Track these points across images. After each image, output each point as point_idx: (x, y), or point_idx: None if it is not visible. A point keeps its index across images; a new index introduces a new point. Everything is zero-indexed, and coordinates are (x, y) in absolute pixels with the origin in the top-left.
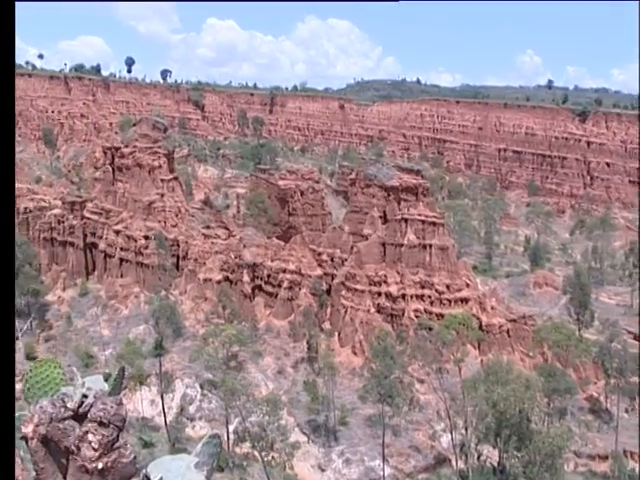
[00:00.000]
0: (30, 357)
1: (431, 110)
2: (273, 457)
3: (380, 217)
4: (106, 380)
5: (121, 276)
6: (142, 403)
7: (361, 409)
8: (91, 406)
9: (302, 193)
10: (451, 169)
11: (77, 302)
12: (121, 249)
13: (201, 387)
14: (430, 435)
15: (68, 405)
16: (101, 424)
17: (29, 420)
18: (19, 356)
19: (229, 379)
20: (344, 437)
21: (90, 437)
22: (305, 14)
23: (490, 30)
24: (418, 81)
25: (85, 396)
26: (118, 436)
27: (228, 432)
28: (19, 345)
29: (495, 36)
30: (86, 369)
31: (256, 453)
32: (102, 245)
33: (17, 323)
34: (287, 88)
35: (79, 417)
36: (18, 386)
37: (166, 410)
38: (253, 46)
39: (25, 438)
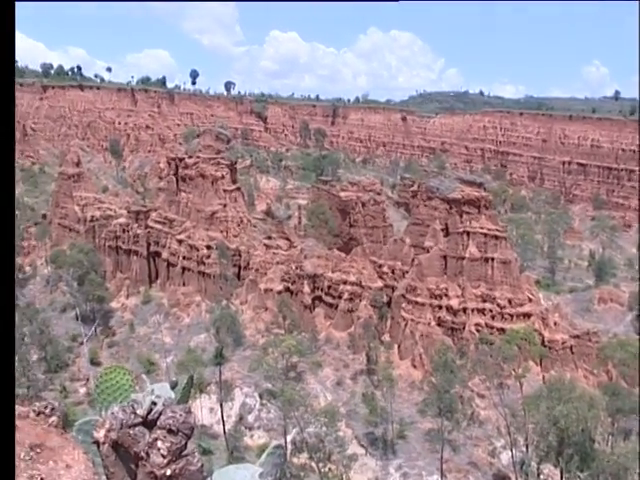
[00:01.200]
0: (94, 362)
1: (494, 122)
2: (330, 469)
3: (442, 230)
4: (172, 388)
5: (183, 285)
6: (202, 411)
7: (420, 423)
8: (160, 414)
9: (363, 205)
10: (514, 182)
11: (140, 309)
12: (184, 258)
13: (260, 397)
14: (490, 452)
15: (138, 412)
16: (170, 432)
17: (101, 425)
18: (83, 361)
19: (288, 389)
20: (402, 451)
21: (159, 444)
22: (367, 26)
23: (555, 40)
24: (481, 93)
25: (154, 403)
26: (186, 444)
27: (286, 442)
28: (84, 350)
29: (560, 46)
30: (147, 376)
31: (313, 464)
32: (165, 254)
33: (82, 329)
34: (349, 100)
35: (148, 424)
36: (82, 390)
37: (225, 418)
38: (315, 58)
39: (97, 443)
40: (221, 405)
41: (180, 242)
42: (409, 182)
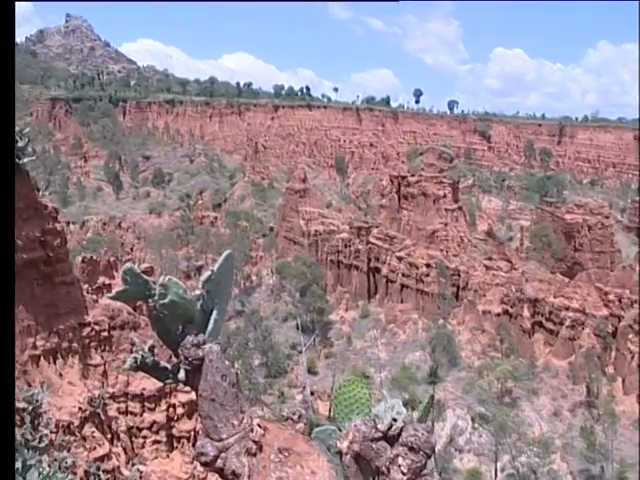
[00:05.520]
0: (311, 371)
1: None
2: None
3: None
4: (404, 405)
5: (401, 301)
6: None
7: None
8: (401, 430)
9: (590, 228)
10: None
11: (358, 323)
12: (403, 275)
13: (472, 420)
14: None
15: (379, 427)
16: (411, 449)
17: (344, 436)
18: (301, 369)
19: (501, 415)
20: None
21: (400, 460)
22: (597, 40)
23: None
24: None
25: (395, 419)
26: (426, 463)
27: (496, 469)
28: (302, 359)
29: None
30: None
31: None
32: (385, 270)
33: (301, 338)
34: (577, 118)
35: (388, 439)
36: (298, 397)
37: (436, 438)
38: (541, 75)
39: (339, 452)
40: (432, 424)
41: (400, 259)
42: None
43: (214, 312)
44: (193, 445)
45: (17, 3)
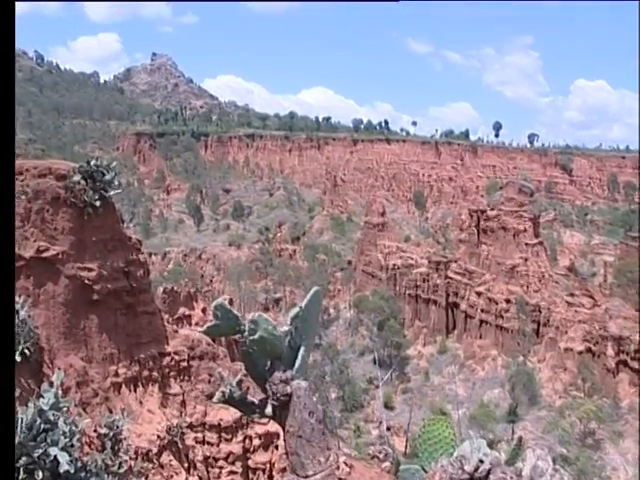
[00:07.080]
0: (387, 406)
1: None
2: None
3: None
4: (489, 445)
5: (480, 337)
6: None
7: None
8: (488, 472)
9: None
10: None
11: (435, 359)
12: (482, 311)
13: (553, 461)
14: None
15: (465, 468)
16: None
17: (431, 477)
18: (377, 404)
19: (584, 457)
20: None
21: None
22: None
23: None
24: None
25: (481, 461)
26: None
27: None
28: (379, 394)
29: None
30: None
31: None
32: (463, 305)
33: (378, 372)
34: None
35: None
36: (374, 432)
37: None
38: (625, 106)
39: None
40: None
41: (479, 294)
42: None
43: (301, 348)
44: (269, 477)
45: (107, 42)
